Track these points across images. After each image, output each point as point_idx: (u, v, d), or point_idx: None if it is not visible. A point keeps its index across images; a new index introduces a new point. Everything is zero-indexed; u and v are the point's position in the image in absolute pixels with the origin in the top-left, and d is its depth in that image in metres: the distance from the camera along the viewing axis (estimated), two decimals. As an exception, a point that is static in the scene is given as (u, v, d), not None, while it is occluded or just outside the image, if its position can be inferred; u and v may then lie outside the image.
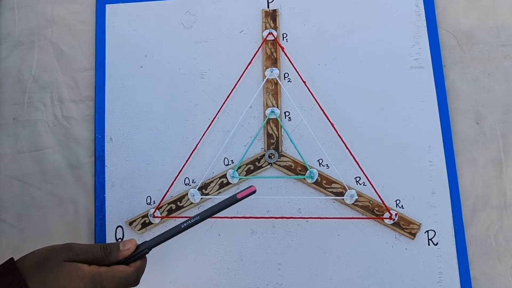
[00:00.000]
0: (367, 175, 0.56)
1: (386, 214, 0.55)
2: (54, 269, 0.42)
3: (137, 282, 0.45)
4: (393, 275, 0.55)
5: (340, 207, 0.57)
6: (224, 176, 0.57)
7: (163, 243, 0.47)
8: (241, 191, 0.47)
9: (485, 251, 0.55)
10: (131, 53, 0.62)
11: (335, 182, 0.57)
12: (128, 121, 0.60)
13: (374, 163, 0.57)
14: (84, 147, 0.60)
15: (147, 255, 0.47)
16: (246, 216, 0.56)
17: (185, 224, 0.47)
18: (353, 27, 0.61)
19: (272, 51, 0.60)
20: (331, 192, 0.56)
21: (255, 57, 0.60)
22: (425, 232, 0.55)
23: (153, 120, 0.60)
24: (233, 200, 0.47)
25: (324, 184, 0.57)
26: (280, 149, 0.58)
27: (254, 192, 0.47)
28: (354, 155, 0.57)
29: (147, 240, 0.47)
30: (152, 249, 0.54)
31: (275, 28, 0.61)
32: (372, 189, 0.56)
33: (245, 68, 0.60)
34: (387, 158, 0.57)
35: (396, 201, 0.56)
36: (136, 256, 0.46)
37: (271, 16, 0.61)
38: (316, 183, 0.57)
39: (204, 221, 0.56)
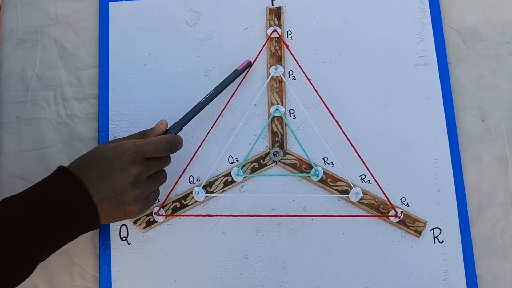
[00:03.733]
0: (372, 173, 0.56)
1: (392, 212, 0.55)
2: (101, 153, 0.47)
3: (174, 148, 0.51)
4: (399, 273, 0.55)
5: (345, 205, 0.56)
6: (229, 174, 0.57)
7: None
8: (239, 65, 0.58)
9: (490, 248, 0.55)
10: (134, 51, 0.61)
11: (340, 180, 0.56)
12: (132, 119, 0.60)
13: (379, 161, 0.57)
14: (88, 145, 0.60)
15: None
16: (251, 214, 0.56)
17: (203, 100, 0.54)
18: (357, 24, 0.60)
19: (276, 49, 0.60)
20: (336, 190, 0.56)
21: (260, 54, 0.60)
22: (430, 230, 0.55)
23: (157, 118, 0.59)
24: (236, 74, 0.57)
25: (329, 182, 0.56)
26: (285, 147, 0.58)
27: (250, 63, 0.58)
28: (359, 153, 0.57)
29: (177, 121, 0.53)
30: (156, 248, 0.54)
31: (280, 25, 0.61)
32: (377, 187, 0.56)
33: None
34: (392, 155, 0.57)
35: (401, 199, 0.56)
36: (171, 133, 0.53)
37: (276, 14, 0.61)
38: (321, 181, 0.56)
39: (209, 218, 0.57)
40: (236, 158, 0.58)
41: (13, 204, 0.44)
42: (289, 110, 0.59)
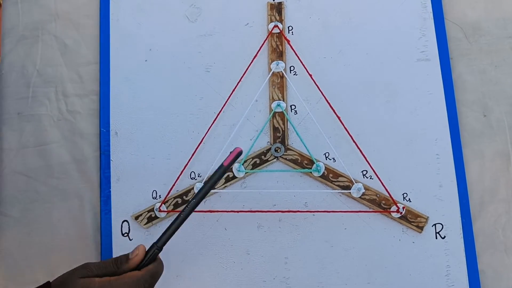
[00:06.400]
0: (374, 169, 0.56)
1: (393, 208, 0.55)
2: (70, 287, 0.43)
3: (150, 286, 0.45)
4: (400, 269, 0.55)
5: (346, 200, 0.56)
6: (230, 170, 0.57)
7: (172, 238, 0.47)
8: (225, 158, 0.46)
9: (492, 244, 0.55)
10: (135, 47, 0.61)
11: (341, 176, 0.56)
12: (133, 115, 0.60)
13: (381, 156, 0.57)
14: (89, 141, 0.60)
15: (162, 259, 0.48)
16: (253, 210, 0.56)
17: (183, 213, 0.47)
18: (359, 19, 0.60)
19: (277, 44, 0.60)
20: (338, 185, 0.56)
21: (261, 50, 0.60)
22: (432, 226, 0.55)
23: (158, 114, 0.59)
24: (222, 170, 0.46)
25: (331, 177, 0.56)
26: (286, 143, 0.58)
27: (240, 153, 0.46)
28: (360, 148, 0.56)
29: (155, 241, 0.47)
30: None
31: (281, 21, 0.60)
32: (379, 182, 0.56)
33: (250, 61, 0.59)
34: (394, 151, 0.57)
35: (403, 194, 0.56)
36: (149, 260, 0.46)
37: (277, 9, 0.61)
38: (323, 176, 0.56)
39: (210, 214, 0.56)
40: (238, 154, 0.58)
41: None
42: (291, 106, 0.59)
